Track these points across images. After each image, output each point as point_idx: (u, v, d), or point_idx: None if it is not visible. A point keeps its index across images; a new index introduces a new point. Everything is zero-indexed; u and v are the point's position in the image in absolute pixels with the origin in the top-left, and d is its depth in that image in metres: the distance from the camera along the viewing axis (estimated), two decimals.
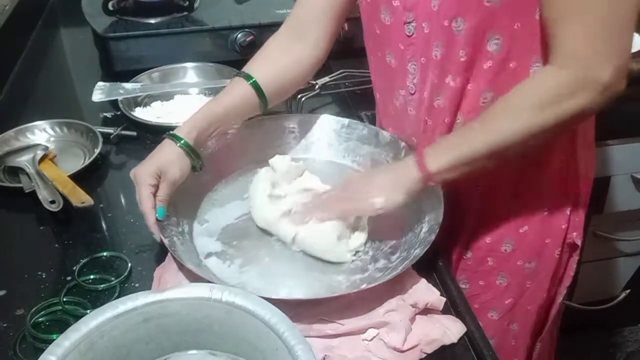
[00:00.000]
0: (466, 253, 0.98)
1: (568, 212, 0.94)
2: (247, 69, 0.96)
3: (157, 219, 0.82)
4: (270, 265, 0.84)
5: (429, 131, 0.91)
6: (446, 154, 0.80)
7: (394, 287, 0.78)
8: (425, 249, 0.78)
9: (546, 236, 0.95)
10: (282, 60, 0.97)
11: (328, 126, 1.04)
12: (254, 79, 0.93)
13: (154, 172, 0.83)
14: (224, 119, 0.92)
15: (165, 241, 0.80)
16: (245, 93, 0.93)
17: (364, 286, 0.76)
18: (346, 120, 1.03)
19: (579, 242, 0.96)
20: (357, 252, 0.85)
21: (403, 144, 0.95)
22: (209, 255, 0.86)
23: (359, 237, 0.86)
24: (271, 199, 0.89)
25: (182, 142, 0.86)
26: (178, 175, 0.85)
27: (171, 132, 0.88)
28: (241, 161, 1.01)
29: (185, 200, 0.91)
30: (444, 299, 0.79)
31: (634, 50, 1.45)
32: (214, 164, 0.96)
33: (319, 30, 0.96)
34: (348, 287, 0.80)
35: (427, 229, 0.83)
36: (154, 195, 0.83)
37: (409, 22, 0.84)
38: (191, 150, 0.87)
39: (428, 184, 0.81)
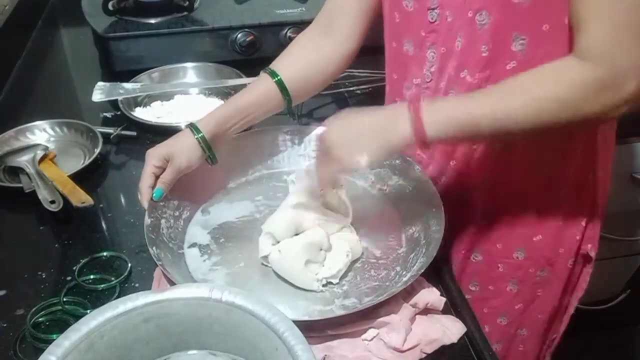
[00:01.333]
0: (476, 256, 0.97)
1: (583, 224, 0.92)
2: (274, 65, 0.96)
3: (151, 199, 0.84)
4: (240, 270, 0.84)
5: None
6: (445, 119, 0.74)
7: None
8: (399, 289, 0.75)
9: (560, 246, 0.93)
10: (309, 56, 0.96)
11: None
12: (279, 77, 0.93)
13: (162, 155, 0.86)
14: (244, 114, 0.92)
15: (148, 220, 0.83)
16: (269, 90, 0.94)
17: (305, 318, 0.75)
18: None
19: (593, 255, 0.95)
20: (328, 283, 0.81)
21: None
22: (193, 245, 0.87)
23: (332, 268, 0.81)
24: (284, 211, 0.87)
25: (199, 134, 0.88)
26: (184, 164, 0.87)
27: (193, 122, 0.89)
28: (269, 164, 1.02)
29: (196, 188, 0.93)
30: (444, 299, 0.78)
31: None
32: (243, 158, 0.99)
33: (348, 25, 0.95)
34: (303, 315, 0.76)
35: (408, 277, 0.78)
36: (158, 176, 0.86)
37: (433, 9, 0.83)
38: (205, 143, 0.88)
39: (417, 139, 0.74)
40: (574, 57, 0.71)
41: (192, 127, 0.88)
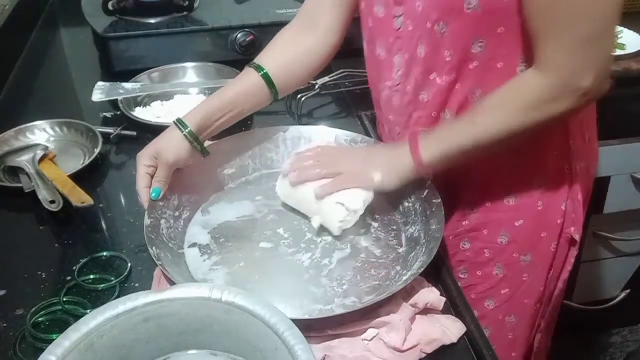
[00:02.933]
0: (464, 244, 0.99)
1: (563, 207, 0.94)
2: (258, 60, 0.98)
3: (151, 199, 0.86)
4: (240, 270, 0.84)
5: (412, 124, 0.93)
6: (437, 145, 0.84)
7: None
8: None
9: (542, 230, 0.95)
10: (294, 50, 0.99)
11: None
12: (265, 71, 0.95)
13: (151, 154, 0.88)
14: (231, 107, 0.94)
15: (148, 220, 0.83)
16: (255, 84, 0.96)
17: (306, 317, 0.75)
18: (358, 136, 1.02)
19: (577, 238, 0.97)
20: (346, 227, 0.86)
21: None
22: (193, 245, 0.87)
23: (352, 205, 0.85)
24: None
25: (187, 130, 0.89)
26: (172, 159, 0.88)
27: (179, 117, 0.91)
28: (270, 164, 1.02)
29: (196, 188, 0.93)
30: (444, 299, 0.79)
31: (634, 50, 1.46)
32: (243, 158, 1.00)
33: (330, 20, 0.98)
34: (303, 314, 0.76)
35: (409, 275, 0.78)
36: (152, 176, 0.88)
37: (398, 16, 0.87)
38: (193, 137, 0.89)
39: (420, 173, 0.85)
40: (533, 68, 0.78)
41: (179, 122, 0.90)
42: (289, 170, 0.90)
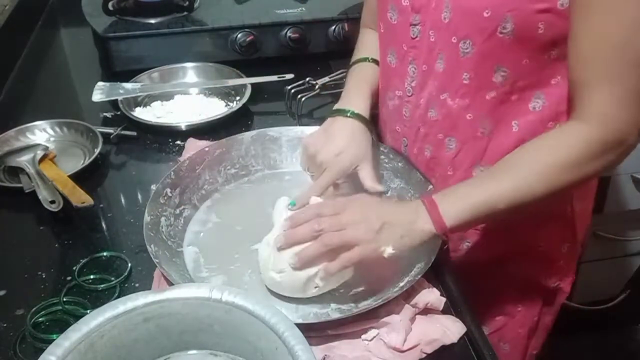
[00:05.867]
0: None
1: (564, 250, 0.94)
2: (364, 53, 0.99)
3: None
4: (237, 270, 0.83)
5: (420, 140, 0.90)
6: (463, 207, 0.74)
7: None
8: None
9: (540, 271, 0.95)
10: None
11: None
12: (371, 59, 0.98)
13: (348, 168, 0.87)
14: (375, 87, 0.95)
15: (147, 218, 0.83)
16: (374, 70, 0.96)
17: (300, 320, 0.73)
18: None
19: (573, 275, 0.96)
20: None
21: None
22: (191, 244, 0.87)
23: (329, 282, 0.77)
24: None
25: (363, 121, 0.90)
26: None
27: (351, 110, 0.90)
28: (270, 164, 1.02)
29: (196, 187, 0.93)
30: (444, 299, 0.78)
31: None
32: (243, 158, 0.99)
33: None
34: (297, 317, 0.75)
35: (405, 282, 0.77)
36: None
37: (415, 25, 0.83)
38: (368, 125, 0.90)
39: (440, 232, 0.75)
40: (576, 120, 0.73)
41: (353, 114, 0.89)
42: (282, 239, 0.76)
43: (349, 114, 0.89)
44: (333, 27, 1.38)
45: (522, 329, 1.00)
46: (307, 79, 1.20)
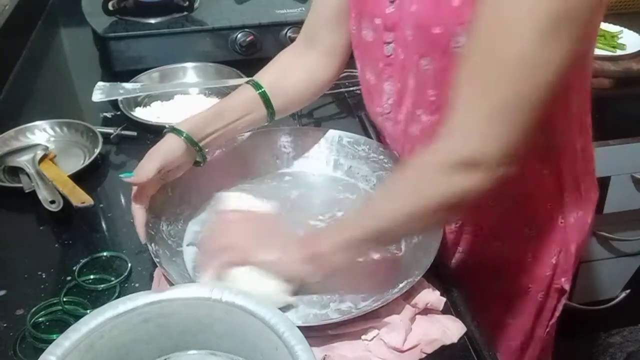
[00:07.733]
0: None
1: (554, 261, 0.91)
2: (257, 77, 0.94)
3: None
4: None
5: (406, 154, 0.89)
6: (339, 234, 0.74)
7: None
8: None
9: (529, 282, 0.93)
10: (295, 70, 0.95)
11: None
12: (262, 89, 0.91)
13: (156, 168, 0.84)
14: (225, 121, 0.89)
15: (148, 217, 0.83)
16: (252, 100, 0.91)
17: (300, 322, 0.72)
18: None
19: (567, 287, 0.94)
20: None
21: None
22: (192, 243, 0.88)
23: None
24: None
25: (183, 135, 0.85)
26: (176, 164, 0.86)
27: (171, 126, 0.87)
28: (270, 164, 1.02)
29: (197, 187, 0.93)
30: (444, 299, 0.78)
31: (634, 50, 1.46)
32: (243, 158, 0.99)
33: (330, 41, 0.93)
34: (297, 318, 0.75)
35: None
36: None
37: (388, 43, 0.82)
38: (189, 140, 0.85)
39: (318, 263, 0.74)
40: (442, 138, 0.68)
41: (172, 130, 0.86)
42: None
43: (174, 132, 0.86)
44: None
45: (513, 341, 0.99)
46: None
